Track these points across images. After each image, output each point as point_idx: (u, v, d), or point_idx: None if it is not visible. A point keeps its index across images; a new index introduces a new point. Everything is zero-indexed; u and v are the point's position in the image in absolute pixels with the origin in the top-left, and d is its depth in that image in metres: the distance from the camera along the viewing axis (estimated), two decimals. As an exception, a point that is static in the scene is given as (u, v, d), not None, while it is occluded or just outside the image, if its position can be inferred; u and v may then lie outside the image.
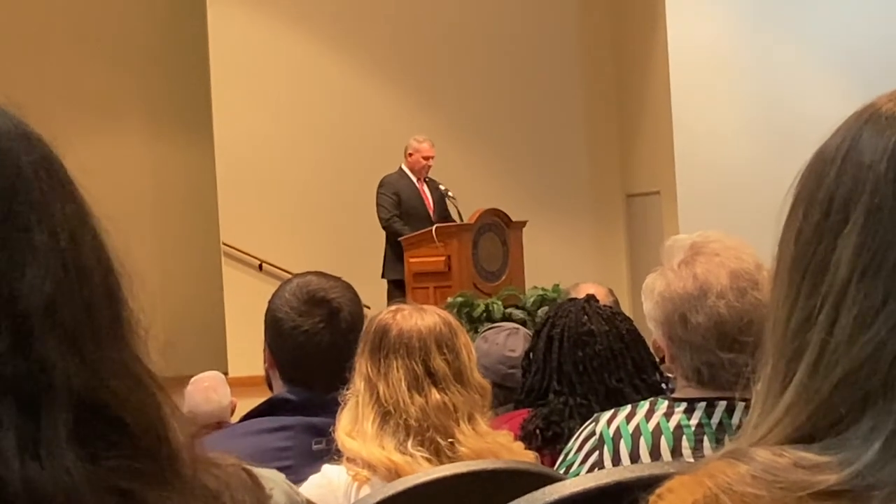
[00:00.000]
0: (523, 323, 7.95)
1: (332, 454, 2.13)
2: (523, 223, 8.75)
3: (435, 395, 2.07)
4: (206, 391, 4.67)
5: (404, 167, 8.70)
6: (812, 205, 0.80)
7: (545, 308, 7.91)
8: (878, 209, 0.76)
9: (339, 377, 2.24)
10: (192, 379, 4.80)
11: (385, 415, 2.06)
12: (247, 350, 9.48)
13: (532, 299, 8.00)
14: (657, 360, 2.78)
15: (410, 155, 8.67)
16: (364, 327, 2.22)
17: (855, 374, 0.75)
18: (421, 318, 2.14)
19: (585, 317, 2.68)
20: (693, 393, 2.06)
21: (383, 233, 8.64)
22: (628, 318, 2.75)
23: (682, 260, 2.04)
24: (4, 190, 0.74)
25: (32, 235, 0.73)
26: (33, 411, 0.72)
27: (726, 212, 9.99)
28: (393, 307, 2.20)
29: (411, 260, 8.20)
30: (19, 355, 0.71)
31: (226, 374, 8.99)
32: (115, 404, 0.75)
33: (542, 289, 8.14)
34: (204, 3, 10.69)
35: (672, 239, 2.10)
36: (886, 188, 0.76)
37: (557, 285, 8.09)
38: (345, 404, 2.11)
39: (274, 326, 2.46)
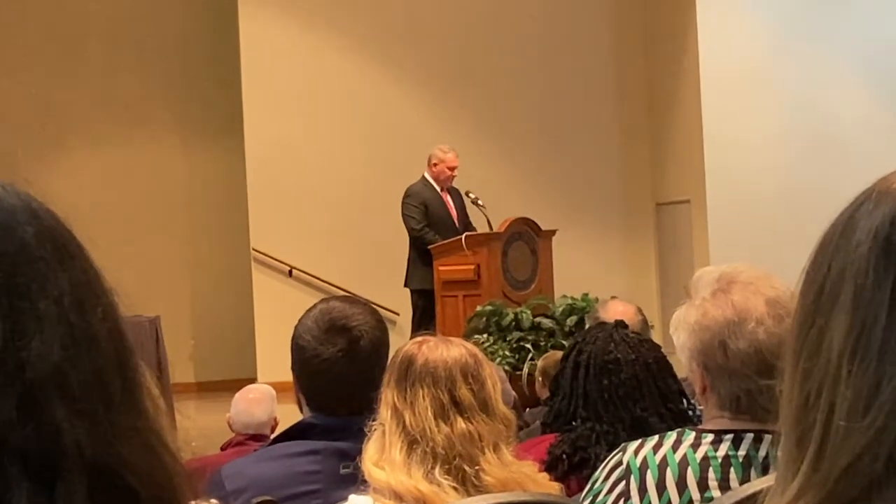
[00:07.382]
0: (552, 332, 7.95)
1: (359, 480, 2.14)
2: (553, 232, 8.73)
3: (460, 424, 2.08)
4: (250, 402, 4.80)
5: (427, 176, 8.62)
6: (810, 284, 0.81)
7: (574, 317, 7.89)
8: (862, 288, 0.77)
9: (361, 404, 2.26)
10: (246, 387, 5.02)
11: (412, 443, 2.07)
12: (276, 356, 9.50)
13: (561, 308, 7.97)
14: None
15: (435, 165, 8.59)
16: (390, 359, 2.23)
17: (858, 461, 0.75)
18: (447, 349, 2.15)
19: (612, 344, 2.67)
20: (724, 424, 2.06)
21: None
22: (656, 346, 2.74)
23: (716, 289, 2.05)
24: (8, 262, 0.75)
25: (37, 305, 0.75)
26: (45, 480, 0.71)
27: (756, 220, 9.95)
28: (418, 339, 2.21)
29: (441, 268, 8.18)
30: (28, 423, 0.72)
31: (254, 379, 9.04)
32: (125, 472, 0.75)
33: (572, 298, 8.11)
34: (236, 11, 10.76)
35: (699, 272, 2.10)
36: (870, 267, 0.77)
37: (587, 294, 8.07)
38: (371, 434, 2.13)
39: (297, 354, 2.51)
